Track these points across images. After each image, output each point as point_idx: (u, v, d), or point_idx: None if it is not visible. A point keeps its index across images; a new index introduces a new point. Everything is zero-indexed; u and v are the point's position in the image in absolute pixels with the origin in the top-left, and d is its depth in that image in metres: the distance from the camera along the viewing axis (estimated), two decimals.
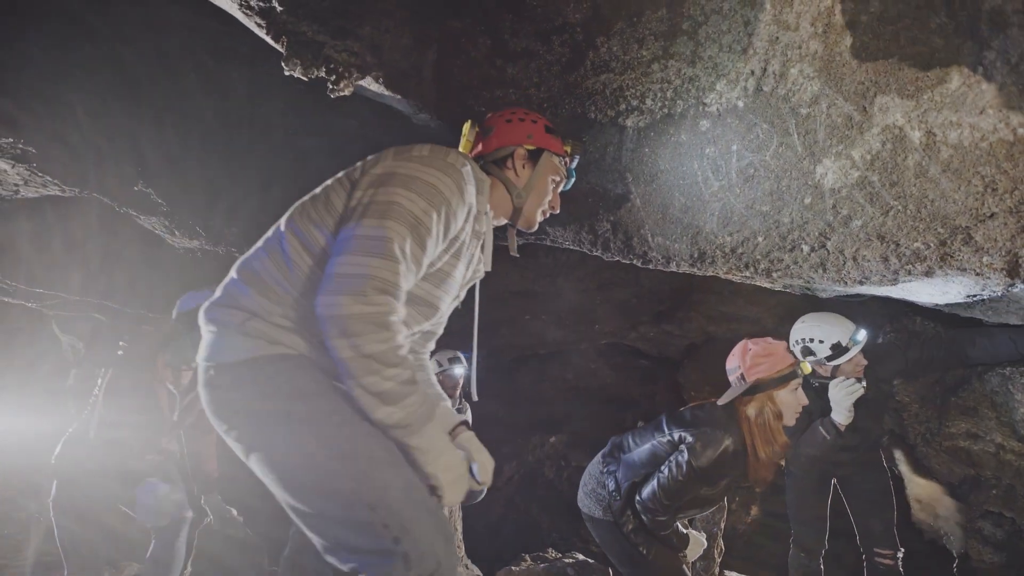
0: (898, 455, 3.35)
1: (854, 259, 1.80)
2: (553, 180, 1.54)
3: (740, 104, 1.83)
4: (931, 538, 3.14)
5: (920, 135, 1.41)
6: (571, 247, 2.70)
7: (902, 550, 2.75)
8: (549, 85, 2.19)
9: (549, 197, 1.54)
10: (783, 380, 1.98)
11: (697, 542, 2.24)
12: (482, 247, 1.43)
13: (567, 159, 1.59)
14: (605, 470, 2.29)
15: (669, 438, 2.14)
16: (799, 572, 2.80)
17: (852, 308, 2.97)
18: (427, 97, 2.16)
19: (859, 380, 2.47)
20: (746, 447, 2.02)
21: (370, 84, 1.99)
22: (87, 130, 2.41)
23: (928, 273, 1.70)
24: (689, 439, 2.04)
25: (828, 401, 2.51)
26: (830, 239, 1.81)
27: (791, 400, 2.00)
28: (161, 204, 2.73)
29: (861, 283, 1.91)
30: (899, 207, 1.56)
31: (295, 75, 1.77)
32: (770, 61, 1.70)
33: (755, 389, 2.01)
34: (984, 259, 1.53)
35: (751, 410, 2.05)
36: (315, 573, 1.40)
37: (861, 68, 1.47)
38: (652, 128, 2.10)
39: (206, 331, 1.18)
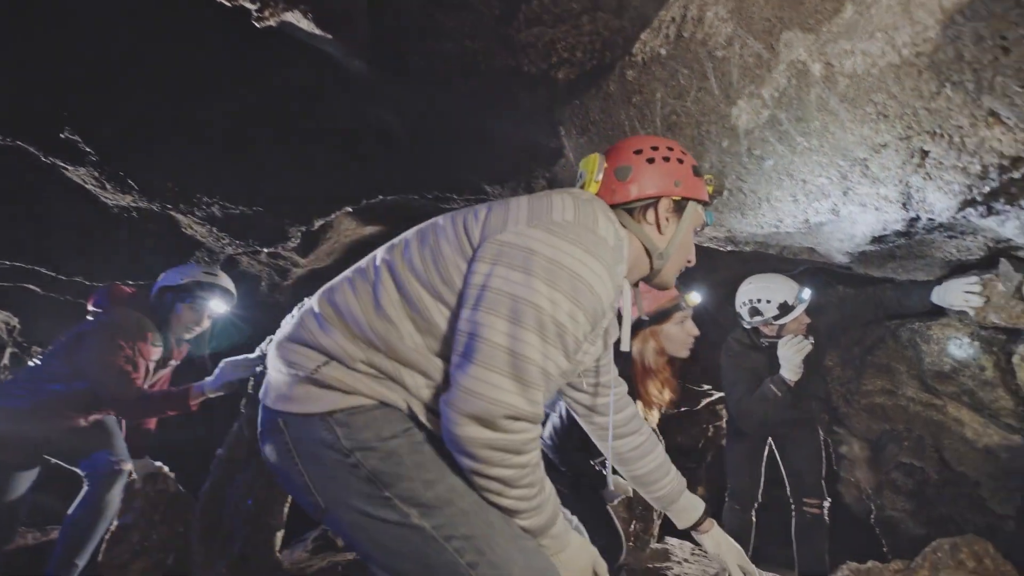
0: (823, 418, 3.53)
1: (768, 201, 1.89)
2: (695, 232, 1.24)
3: (663, 52, 1.90)
4: (855, 492, 3.31)
5: (820, 67, 1.50)
6: None
7: (828, 500, 2.90)
8: (484, 37, 2.20)
9: (689, 253, 1.23)
10: (665, 314, 1.93)
11: (620, 487, 2.22)
12: (619, 318, 1.20)
13: (710, 203, 1.30)
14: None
15: None
16: (733, 524, 2.90)
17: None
18: (360, 42, 2.13)
19: (806, 337, 2.58)
20: (631, 383, 1.99)
21: (299, 21, 1.95)
22: (5, 69, 2.26)
23: (834, 211, 1.81)
24: None
25: (777, 361, 2.60)
26: (746, 182, 1.89)
27: (677, 333, 1.97)
28: (90, 153, 2.58)
29: (776, 227, 2.00)
30: (805, 143, 1.65)
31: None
32: (688, 7, 1.76)
33: (639, 325, 1.99)
34: (880, 191, 1.63)
35: (634, 348, 1.99)
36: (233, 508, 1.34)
37: (767, 5, 1.54)
38: (582, 80, 2.14)
39: (275, 370, 1.05)
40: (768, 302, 2.57)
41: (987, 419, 2.42)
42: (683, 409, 6.94)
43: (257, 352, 2.18)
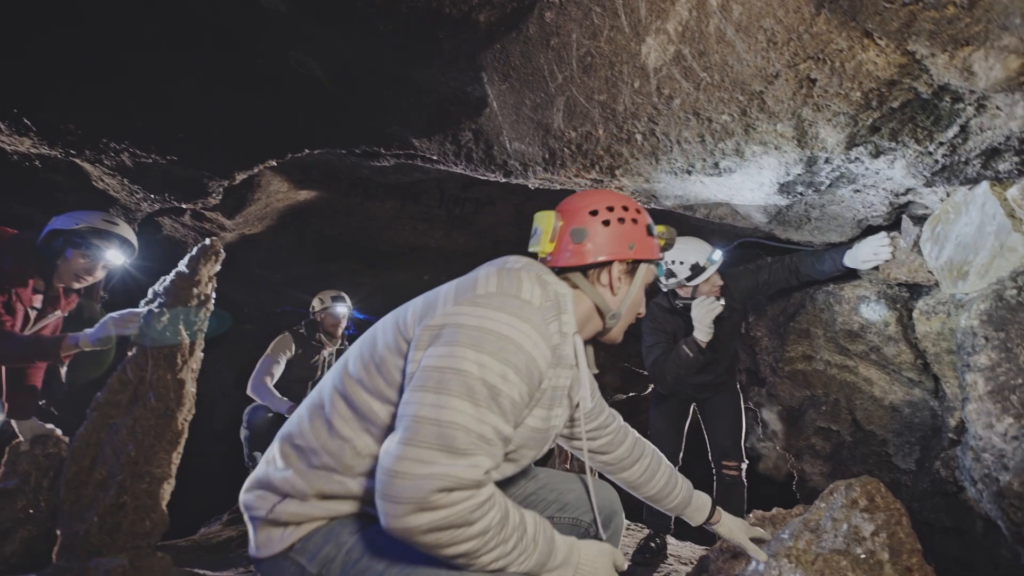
0: (754, 390, 3.61)
1: (679, 143, 1.91)
2: (645, 288, 1.24)
3: None
4: (779, 460, 3.39)
5: None
6: (435, 159, 2.67)
7: (746, 462, 2.96)
8: None
9: (640, 309, 1.25)
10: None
11: None
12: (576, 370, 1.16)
13: (661, 257, 1.28)
14: None
15: None
16: None
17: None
18: None
19: (718, 299, 2.62)
20: None
21: None
22: None
23: (738, 152, 1.83)
24: None
25: (691, 322, 2.65)
26: (658, 124, 1.90)
27: None
28: None
29: (688, 172, 2.02)
30: (707, 78, 1.66)
31: None
32: None
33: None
34: (778, 127, 1.66)
35: None
36: None
37: None
38: (503, 22, 2.12)
39: (248, 523, 1.08)
40: (681, 263, 2.61)
41: (891, 376, 2.51)
42: (631, 395, 7.04)
43: (142, 307, 2.07)
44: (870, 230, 2.47)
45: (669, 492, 1.49)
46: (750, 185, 2.05)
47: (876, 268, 2.40)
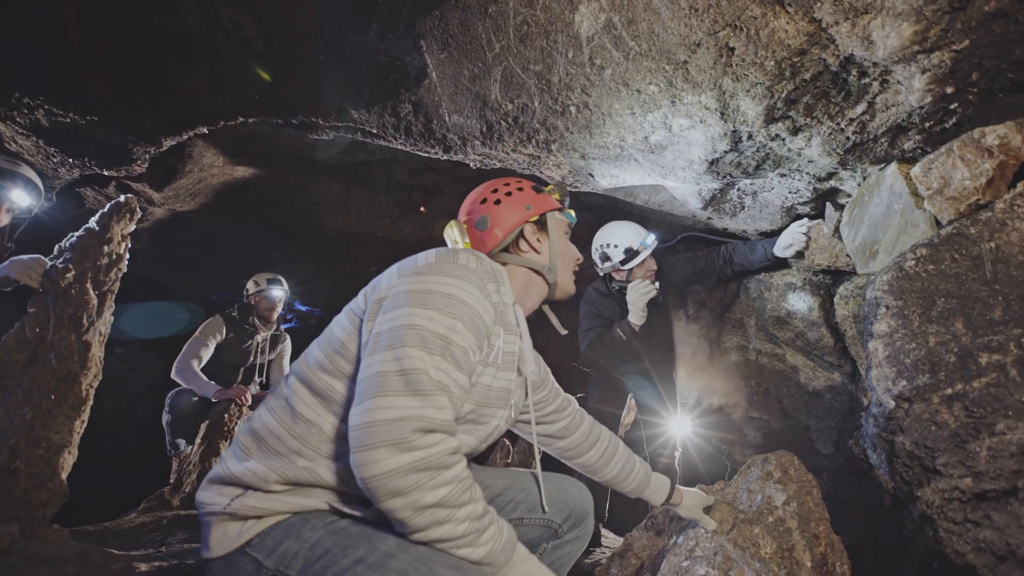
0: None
1: (610, 116, 1.92)
2: (566, 234, 1.36)
3: None
4: (713, 450, 3.45)
5: None
6: (375, 132, 2.61)
7: (679, 450, 2.99)
8: None
9: (574, 255, 1.36)
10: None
11: None
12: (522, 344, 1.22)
13: (564, 206, 1.39)
14: None
15: None
16: None
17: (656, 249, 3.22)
18: None
19: (652, 283, 2.65)
20: None
21: None
22: None
23: (666, 124, 1.85)
24: None
25: (627, 307, 2.67)
26: (591, 95, 1.90)
27: None
28: None
29: (621, 147, 2.03)
30: (636, 47, 1.67)
31: None
32: None
33: None
34: (701, 98, 1.69)
35: None
36: None
37: None
38: None
39: (201, 522, 1.03)
40: (615, 247, 2.64)
41: (815, 361, 2.59)
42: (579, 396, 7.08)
43: (56, 250, 1.93)
44: (798, 218, 2.55)
45: (627, 475, 1.52)
46: (681, 163, 2.08)
47: (801, 255, 2.48)
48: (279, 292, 3.71)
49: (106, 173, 2.93)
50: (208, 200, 3.85)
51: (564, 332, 1.42)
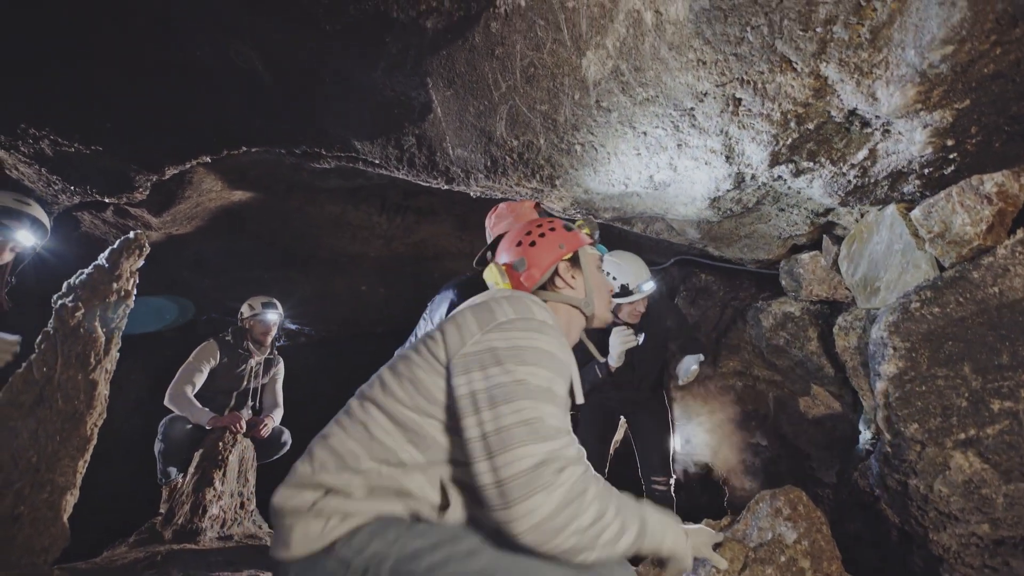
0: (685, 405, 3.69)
1: (616, 155, 1.96)
2: (599, 268, 1.45)
3: (523, 3, 1.92)
4: (706, 473, 3.46)
5: (651, 16, 1.57)
6: (378, 162, 2.63)
7: (674, 477, 3.00)
8: None
9: (608, 286, 1.45)
10: None
11: None
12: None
13: (595, 240, 1.51)
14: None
15: (425, 314, 2.27)
16: None
17: (655, 274, 3.26)
18: None
19: (636, 332, 2.64)
20: None
21: None
22: None
23: (672, 166, 1.89)
24: (433, 303, 2.20)
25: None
26: (596, 136, 1.94)
27: None
28: None
29: (625, 184, 2.07)
30: (643, 93, 1.72)
31: None
32: None
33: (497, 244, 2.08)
34: (707, 142, 1.73)
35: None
36: None
37: None
38: (450, 30, 2.13)
39: (278, 525, 1.06)
40: (614, 279, 2.64)
41: (815, 390, 2.63)
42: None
43: (65, 287, 1.91)
44: (795, 249, 2.61)
45: None
46: (683, 199, 2.13)
47: (798, 285, 2.52)
48: (274, 316, 3.69)
49: (107, 200, 2.92)
50: (204, 223, 3.83)
51: (603, 360, 1.50)
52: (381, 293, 5.44)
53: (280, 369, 3.85)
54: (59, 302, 1.83)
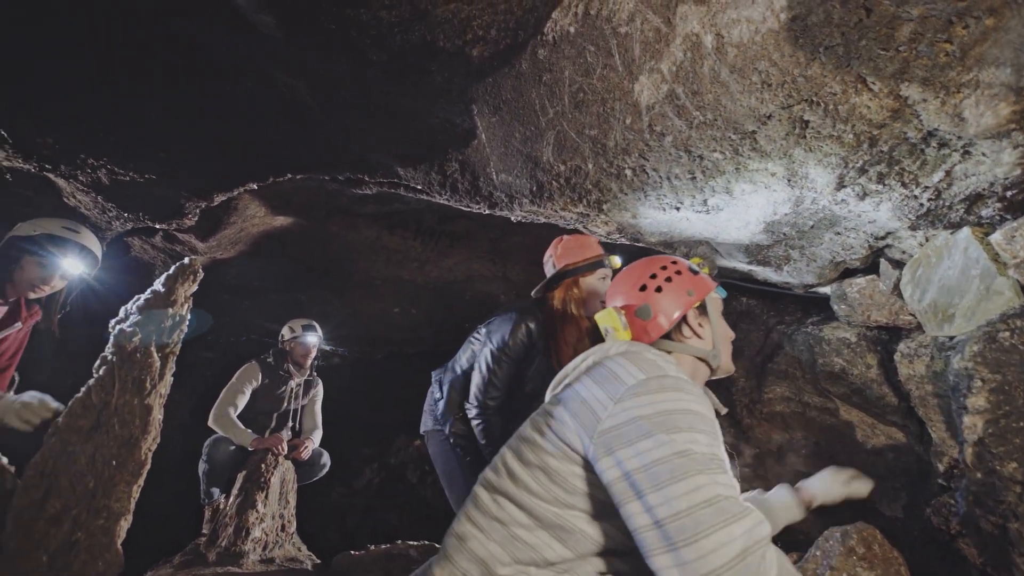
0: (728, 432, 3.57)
1: (669, 179, 1.92)
2: (721, 313, 1.32)
3: (572, 30, 1.92)
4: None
5: (711, 39, 1.55)
6: (420, 188, 2.65)
7: None
8: (400, 10, 2.16)
9: (731, 335, 1.32)
10: (589, 268, 2.08)
11: None
12: None
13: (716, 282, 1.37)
14: (435, 382, 2.28)
15: (478, 335, 2.22)
16: None
17: None
18: None
19: None
20: (548, 332, 2.08)
21: None
22: None
23: (727, 190, 1.85)
24: (491, 327, 2.13)
25: None
26: (648, 160, 1.91)
27: (599, 287, 2.09)
28: None
29: (677, 208, 2.03)
30: (700, 117, 1.68)
31: None
32: None
33: (563, 275, 2.10)
34: (768, 166, 1.68)
35: (557, 296, 2.10)
36: None
37: None
38: (496, 58, 2.14)
39: None
40: None
41: (874, 419, 2.51)
42: None
43: (122, 312, 1.94)
44: (847, 272, 2.52)
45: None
46: (736, 224, 2.07)
47: (852, 310, 2.43)
48: (314, 338, 3.72)
49: (158, 226, 3.00)
50: (246, 248, 3.91)
51: (725, 411, 1.36)
52: (413, 315, 5.46)
53: (319, 391, 3.87)
54: (117, 327, 1.86)
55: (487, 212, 2.60)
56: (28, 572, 1.62)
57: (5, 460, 2.21)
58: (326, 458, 3.63)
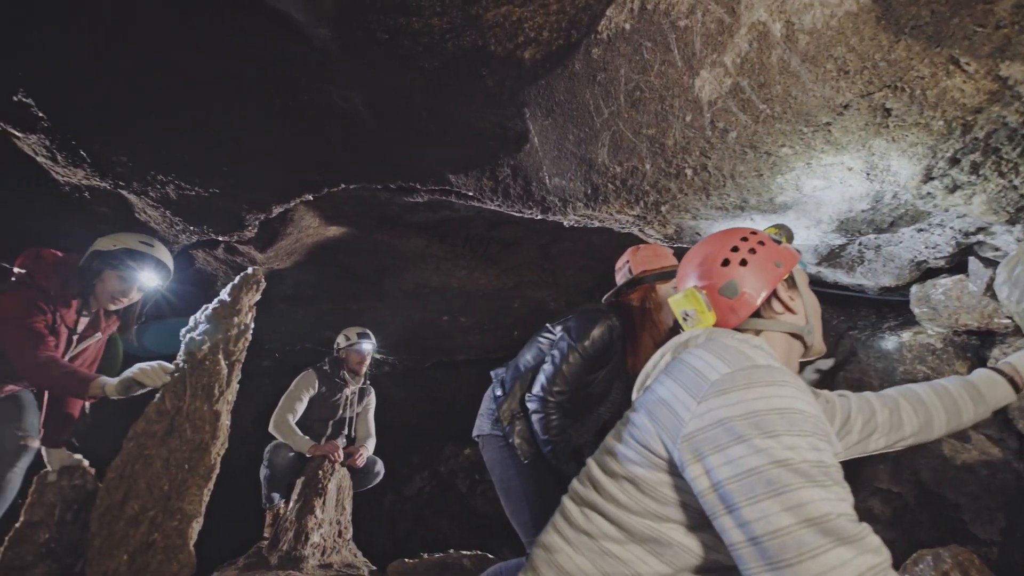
0: None
1: (732, 177, 1.83)
2: (808, 286, 1.20)
3: (627, 26, 1.87)
4: None
5: (780, 27, 1.46)
6: (471, 195, 2.64)
7: None
8: (451, 16, 2.17)
9: (819, 307, 1.20)
10: (666, 276, 2.03)
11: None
12: None
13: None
14: (495, 382, 2.24)
15: (550, 333, 2.15)
16: None
17: None
18: (326, 7, 2.08)
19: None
20: (627, 333, 2.02)
21: None
22: None
23: (797, 187, 1.74)
24: (570, 323, 2.06)
25: None
26: (710, 158, 1.83)
27: (672, 296, 2.03)
28: (43, 119, 2.46)
29: (742, 207, 1.93)
30: (767, 110, 1.60)
31: None
32: None
33: (640, 281, 2.05)
34: (844, 159, 1.58)
35: (635, 298, 2.08)
36: None
37: None
38: (548, 59, 2.11)
39: None
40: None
41: (965, 433, 2.31)
42: None
43: (192, 321, 2.01)
44: (929, 273, 2.34)
45: (951, 403, 1.27)
46: (805, 222, 1.96)
47: (936, 313, 2.25)
48: (368, 345, 3.78)
49: (220, 238, 3.12)
50: (301, 258, 4.02)
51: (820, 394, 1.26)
52: (462, 322, 5.48)
53: (372, 399, 3.92)
54: (187, 335, 1.93)
55: (539, 217, 2.57)
56: (111, 571, 1.69)
57: (87, 463, 2.34)
58: (380, 466, 3.67)
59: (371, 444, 3.71)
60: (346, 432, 3.75)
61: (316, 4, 2.06)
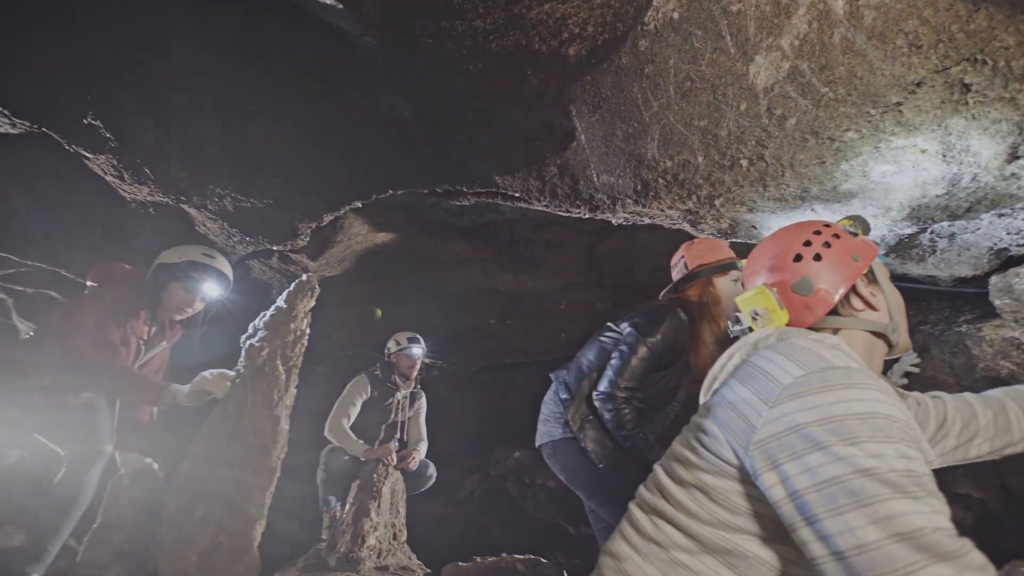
0: None
1: (792, 167, 1.75)
2: (889, 280, 1.13)
3: (675, 15, 1.82)
4: None
5: (843, 4, 1.39)
6: (518, 195, 2.63)
7: None
8: (494, 16, 2.17)
9: (903, 302, 1.12)
10: (723, 268, 1.97)
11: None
12: None
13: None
14: (557, 384, 2.22)
15: (613, 332, 2.13)
16: None
17: None
18: (371, 16, 2.13)
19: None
20: (689, 326, 1.97)
21: None
22: (38, 52, 2.33)
23: (864, 173, 1.65)
24: (636, 319, 2.03)
25: None
26: (767, 147, 1.76)
27: (731, 289, 1.99)
28: (110, 139, 2.61)
29: (802, 197, 1.85)
30: (829, 93, 1.52)
31: None
32: None
33: (696, 275, 2.00)
34: (916, 141, 1.48)
35: (693, 293, 2.06)
36: None
37: None
38: (594, 55, 2.08)
39: None
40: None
41: None
42: None
43: (251, 328, 2.08)
44: (1011, 261, 2.17)
45: None
46: (872, 211, 1.85)
47: (1020, 304, 2.08)
48: (418, 349, 3.82)
49: (274, 248, 3.22)
50: (351, 265, 4.12)
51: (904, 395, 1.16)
52: (509, 325, 5.48)
53: (423, 403, 3.97)
54: (247, 342, 2.00)
55: (587, 216, 2.54)
56: (181, 572, 1.76)
57: (156, 466, 2.45)
58: (432, 469, 3.70)
59: (423, 448, 3.74)
60: (398, 436, 3.80)
61: (361, 13, 2.10)
